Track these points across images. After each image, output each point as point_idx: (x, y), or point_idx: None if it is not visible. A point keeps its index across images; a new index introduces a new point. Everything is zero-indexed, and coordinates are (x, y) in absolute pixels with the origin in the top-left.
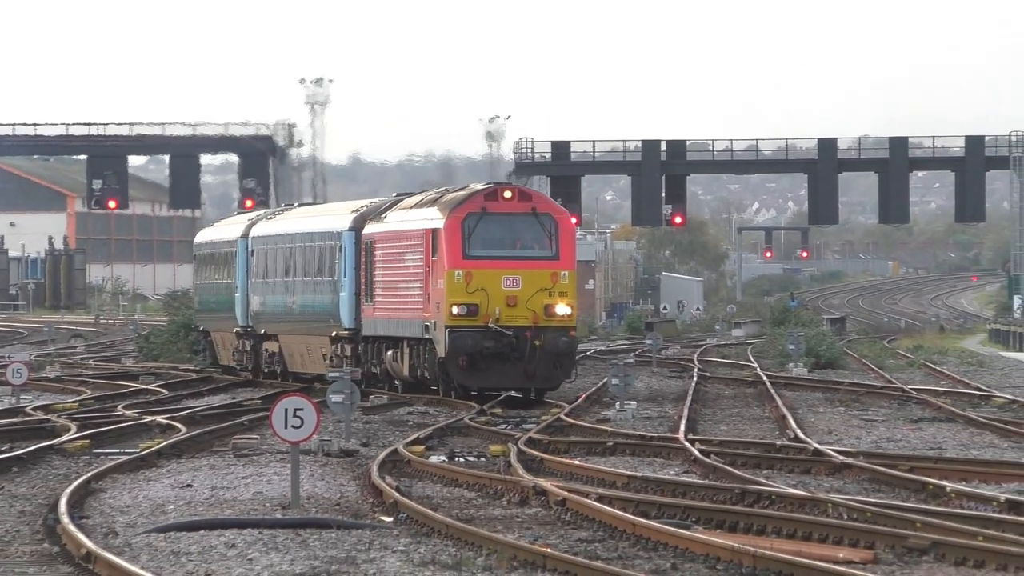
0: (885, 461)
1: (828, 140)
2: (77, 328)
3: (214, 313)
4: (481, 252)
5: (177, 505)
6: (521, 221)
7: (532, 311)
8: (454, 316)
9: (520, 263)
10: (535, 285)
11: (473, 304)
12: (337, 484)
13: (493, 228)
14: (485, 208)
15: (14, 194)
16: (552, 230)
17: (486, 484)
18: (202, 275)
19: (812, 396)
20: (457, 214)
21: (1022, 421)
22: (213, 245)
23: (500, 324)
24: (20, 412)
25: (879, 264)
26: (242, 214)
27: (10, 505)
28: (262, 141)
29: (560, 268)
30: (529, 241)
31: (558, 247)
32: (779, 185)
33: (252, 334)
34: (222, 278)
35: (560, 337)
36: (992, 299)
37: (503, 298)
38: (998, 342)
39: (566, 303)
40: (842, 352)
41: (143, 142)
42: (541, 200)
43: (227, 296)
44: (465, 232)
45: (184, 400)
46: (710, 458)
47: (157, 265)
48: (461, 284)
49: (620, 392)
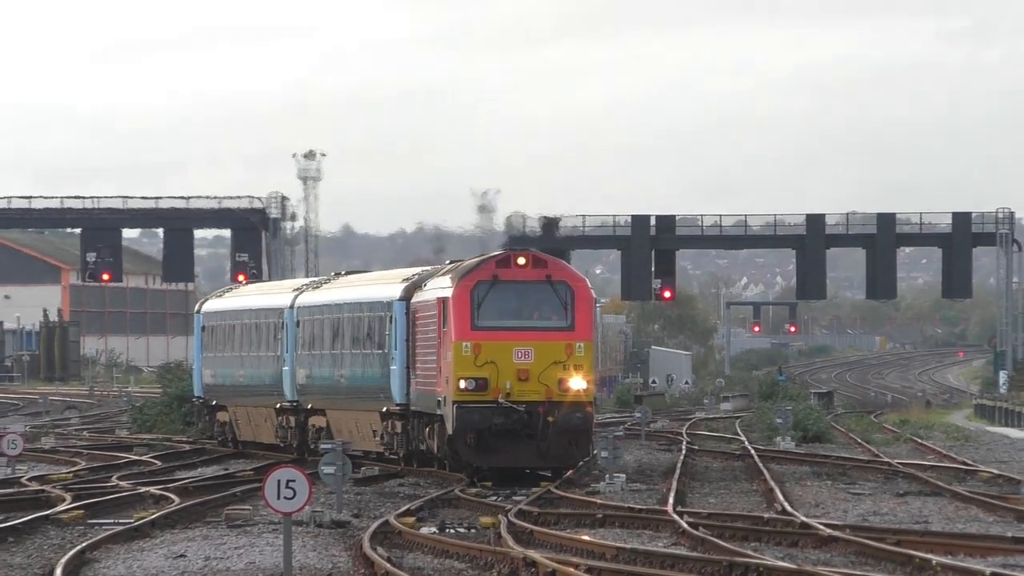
0: (872, 534)
1: (816, 216)
2: (71, 400)
3: (239, 387)
4: (491, 323)
5: (170, 575)
6: (535, 289)
7: (545, 385)
8: (461, 391)
9: (532, 334)
10: (549, 357)
11: (482, 378)
12: (329, 555)
13: (504, 297)
14: (497, 276)
15: (9, 266)
16: (568, 299)
17: (476, 555)
18: (220, 347)
19: (799, 470)
20: (466, 282)
21: (1008, 496)
22: (236, 315)
23: (511, 399)
24: (15, 483)
25: (866, 339)
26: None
27: (5, 575)
28: (255, 214)
29: (576, 339)
30: (543, 311)
31: (574, 317)
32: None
33: (298, 409)
34: (254, 350)
35: (575, 413)
36: (978, 374)
37: (514, 371)
38: (983, 417)
39: (582, 376)
40: (829, 426)
41: (137, 216)
42: (557, 267)
43: (262, 368)
44: (475, 301)
45: (177, 471)
46: (699, 530)
47: (151, 337)
48: (469, 357)
49: (609, 465)
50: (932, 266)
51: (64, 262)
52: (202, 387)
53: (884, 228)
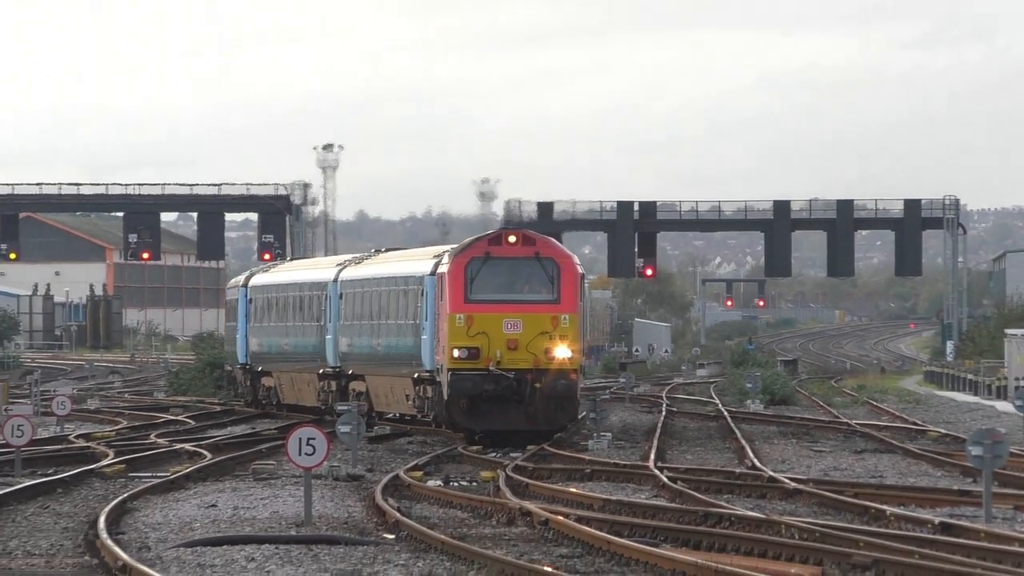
0: (832, 487)
1: (783, 202)
2: (114, 365)
3: (284, 354)
4: (483, 296)
5: (203, 523)
6: (524, 265)
7: (533, 354)
8: (455, 359)
9: (521, 307)
10: (536, 328)
11: (474, 347)
12: (345, 505)
13: (496, 272)
14: (489, 253)
15: (59, 246)
16: (555, 274)
17: (477, 506)
18: (266, 318)
19: (767, 429)
20: (461, 259)
21: (954, 452)
22: (282, 288)
23: (501, 367)
24: (64, 440)
25: (827, 312)
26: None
27: (55, 522)
28: (279, 200)
29: (561, 312)
30: (532, 285)
31: (559, 291)
32: (739, 242)
33: (339, 375)
34: (300, 320)
35: (560, 380)
36: (927, 344)
37: (504, 341)
38: (932, 382)
39: (567, 346)
40: (794, 390)
41: (173, 201)
42: (545, 245)
43: (307, 337)
44: (468, 276)
45: (209, 430)
46: (677, 484)
47: (185, 310)
48: (462, 328)
49: (597, 425)
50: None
51: (108, 243)
52: (247, 354)
53: (843, 213)
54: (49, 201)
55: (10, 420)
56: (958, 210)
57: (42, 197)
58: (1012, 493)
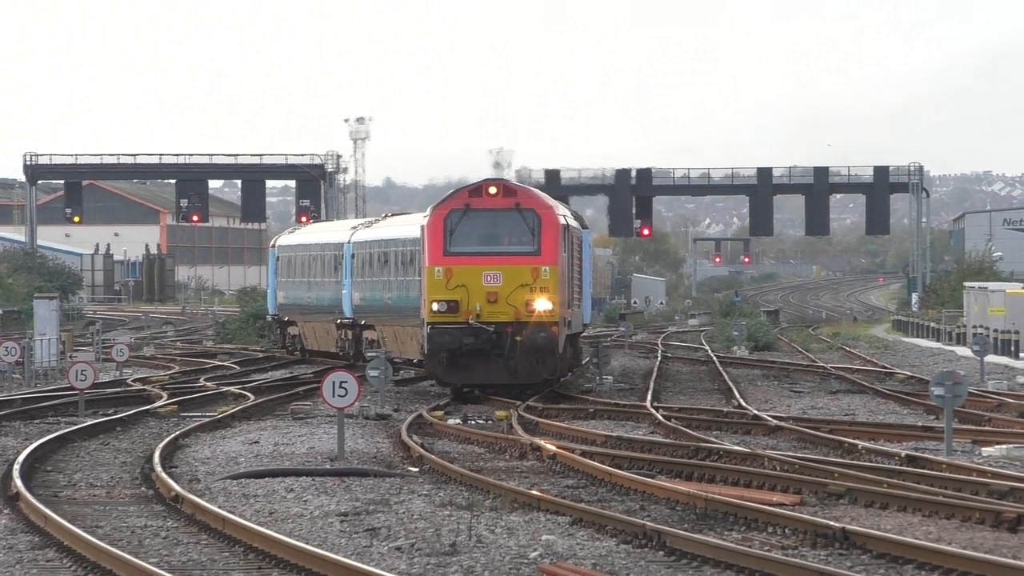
0: (810, 424)
1: (765, 169)
2: (167, 317)
3: (307, 306)
4: (462, 248)
5: (247, 457)
6: (504, 217)
7: (513, 307)
8: (434, 313)
9: (500, 259)
10: (516, 281)
11: (453, 300)
12: (374, 441)
13: (475, 224)
14: (469, 204)
15: (118, 210)
16: (535, 225)
17: (492, 442)
18: (292, 274)
19: (752, 373)
20: (440, 211)
21: (919, 393)
22: (306, 248)
23: (481, 320)
24: (122, 383)
25: (805, 268)
26: (329, 222)
27: (114, 457)
28: (315, 168)
29: (541, 263)
30: (512, 236)
31: (540, 242)
32: (726, 204)
33: (354, 324)
34: (320, 276)
35: (540, 333)
36: (895, 296)
37: (484, 294)
38: (900, 330)
39: (547, 298)
40: (776, 338)
41: (220, 169)
42: (526, 195)
43: (326, 292)
44: (447, 229)
45: (252, 374)
46: (671, 421)
47: (231, 267)
48: (441, 281)
49: (599, 369)
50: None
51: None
52: (276, 306)
53: (819, 178)
54: (109, 170)
55: (75, 366)
56: (922, 176)
57: (103, 167)
58: (970, 429)
